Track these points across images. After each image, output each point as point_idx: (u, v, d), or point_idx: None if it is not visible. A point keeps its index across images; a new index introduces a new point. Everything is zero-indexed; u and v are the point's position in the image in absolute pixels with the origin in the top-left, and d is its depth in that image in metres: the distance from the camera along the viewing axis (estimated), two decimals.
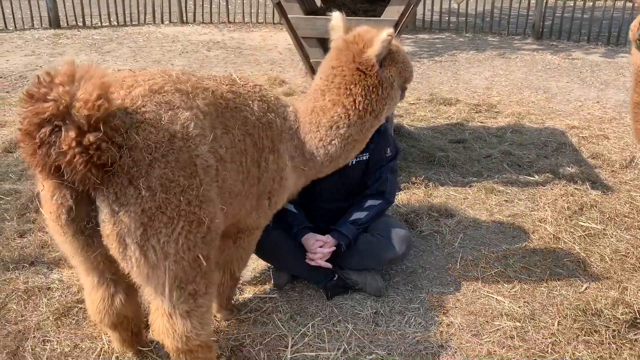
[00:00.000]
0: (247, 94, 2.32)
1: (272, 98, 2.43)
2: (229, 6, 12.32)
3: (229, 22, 12.20)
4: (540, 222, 3.58)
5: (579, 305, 2.73)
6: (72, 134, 1.62)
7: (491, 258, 3.20)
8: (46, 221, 1.93)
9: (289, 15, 3.45)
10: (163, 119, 1.86)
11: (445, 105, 6.21)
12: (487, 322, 2.69)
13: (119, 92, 1.86)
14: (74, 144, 1.62)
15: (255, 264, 3.08)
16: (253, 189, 2.29)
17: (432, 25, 11.67)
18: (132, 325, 2.32)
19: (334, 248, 2.74)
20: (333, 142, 2.44)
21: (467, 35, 11.16)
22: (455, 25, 11.62)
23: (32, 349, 2.43)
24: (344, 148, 2.48)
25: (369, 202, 2.85)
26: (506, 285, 2.96)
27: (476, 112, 5.97)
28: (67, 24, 11.33)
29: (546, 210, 3.69)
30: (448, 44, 10.24)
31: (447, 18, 11.74)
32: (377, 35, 2.34)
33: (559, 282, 2.99)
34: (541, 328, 2.64)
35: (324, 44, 3.57)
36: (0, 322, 2.60)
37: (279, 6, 3.51)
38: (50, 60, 8.27)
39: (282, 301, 2.80)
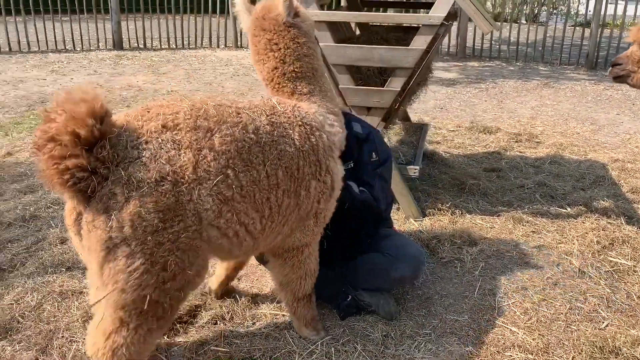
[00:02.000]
0: (288, 121, 2.30)
1: (312, 113, 2.42)
2: None
3: None
4: (566, 254, 3.52)
5: (596, 341, 2.67)
6: (54, 157, 1.76)
7: (510, 288, 3.17)
8: (66, 225, 2.09)
9: (320, 44, 3.59)
10: (160, 159, 1.90)
11: (484, 134, 6.18)
12: (498, 352, 2.67)
13: (135, 122, 1.96)
14: (52, 166, 1.77)
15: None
16: (291, 217, 2.30)
17: (482, 53, 11.61)
18: None
19: None
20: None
21: (518, 64, 11.04)
22: (506, 54, 11.52)
23: (59, 348, 2.60)
24: None
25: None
26: (522, 316, 2.93)
27: (516, 142, 5.91)
28: (130, 46, 12.00)
29: (574, 243, 3.62)
30: (497, 72, 10.16)
31: (497, 46, 11.66)
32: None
33: (578, 317, 2.93)
34: None
35: (352, 70, 3.69)
36: (34, 321, 2.80)
37: None
38: (109, 79, 8.79)
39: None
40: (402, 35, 4.21)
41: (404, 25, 4.52)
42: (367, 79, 3.82)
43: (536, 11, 14.51)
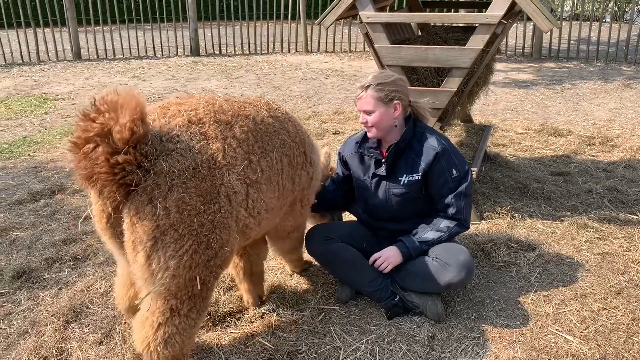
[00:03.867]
0: (282, 116, 2.57)
1: (295, 119, 2.73)
2: (352, 35, 12.79)
3: (350, 51, 12.66)
4: (633, 263, 3.32)
5: None
6: (105, 153, 1.88)
7: (568, 295, 3.05)
8: (96, 226, 2.23)
9: (375, 45, 3.62)
10: (193, 149, 2.06)
11: (555, 136, 5.93)
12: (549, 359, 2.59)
13: (160, 121, 2.11)
14: (104, 162, 1.88)
15: (324, 279, 3.23)
16: (287, 200, 2.56)
17: (560, 53, 11.12)
18: None
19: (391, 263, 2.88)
20: None
21: (598, 64, 10.48)
22: (586, 54, 10.96)
23: (121, 333, 2.79)
24: None
25: (444, 224, 2.88)
26: (579, 325, 2.81)
27: (588, 145, 5.63)
28: (206, 52, 12.52)
29: None
30: (574, 74, 9.70)
31: (576, 46, 11.13)
32: None
33: None
34: None
35: (407, 71, 3.69)
36: (101, 307, 3.01)
37: (366, 36, 3.70)
38: (185, 84, 9.22)
39: (342, 315, 2.92)
40: (461, 35, 4.15)
41: (464, 25, 4.45)
42: (424, 79, 3.80)
43: (625, 8, 13.67)
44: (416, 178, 2.84)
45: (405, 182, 2.86)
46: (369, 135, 2.92)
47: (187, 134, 2.10)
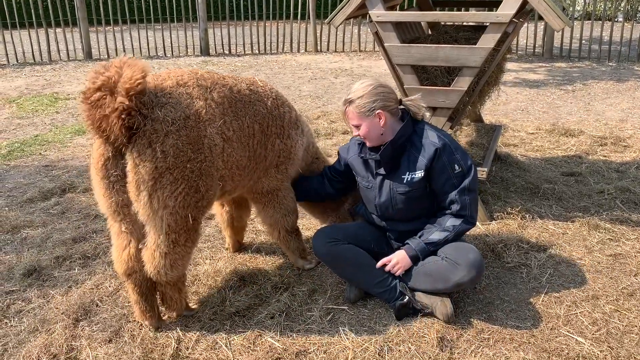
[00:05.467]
0: (263, 92, 2.95)
1: (287, 100, 3.12)
2: (361, 35, 12.76)
3: (360, 51, 12.64)
4: None
5: None
6: (113, 100, 2.26)
7: (579, 297, 3.02)
8: (90, 170, 2.56)
9: (385, 44, 3.60)
10: (182, 104, 2.46)
11: (566, 137, 5.88)
12: None
13: (154, 82, 2.51)
14: (113, 107, 2.26)
15: (333, 279, 3.22)
16: (261, 164, 2.93)
17: (571, 53, 11.03)
18: (141, 283, 2.72)
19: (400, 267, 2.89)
20: None
21: (611, 64, 10.38)
22: (597, 54, 10.86)
23: (130, 331, 2.79)
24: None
25: (450, 222, 2.86)
26: (590, 327, 2.78)
27: (600, 145, 5.57)
28: (216, 52, 12.55)
29: None
30: (586, 73, 9.62)
31: (588, 46, 11.03)
32: None
33: None
34: None
35: (417, 71, 3.66)
36: (110, 305, 3.02)
37: (376, 35, 3.68)
38: None
39: (351, 315, 2.91)
40: (472, 34, 4.12)
41: (474, 24, 4.41)
42: (435, 78, 3.77)
43: (638, 7, 13.51)
44: (419, 175, 2.82)
45: (409, 179, 2.85)
46: (367, 145, 2.94)
47: (176, 93, 2.49)
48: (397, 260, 2.88)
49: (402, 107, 2.92)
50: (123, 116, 2.27)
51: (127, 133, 2.32)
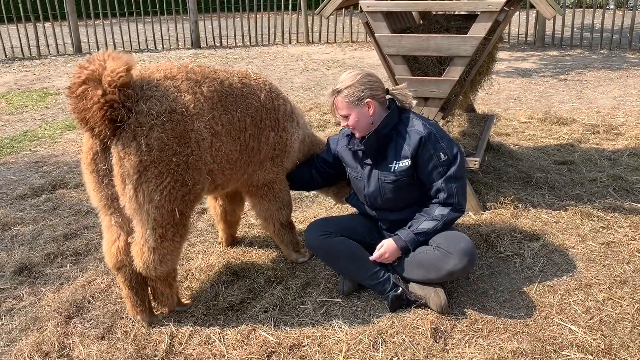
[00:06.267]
0: (257, 85, 2.91)
1: (282, 93, 3.08)
2: (353, 25, 12.70)
3: (352, 42, 12.58)
4: (638, 252, 3.29)
5: None
6: (96, 92, 2.26)
7: (573, 286, 3.02)
8: (81, 165, 2.59)
9: (375, 34, 3.57)
10: (169, 97, 2.44)
11: (558, 125, 5.88)
12: (554, 351, 2.56)
13: (142, 75, 2.50)
14: (95, 100, 2.25)
15: (326, 272, 3.21)
16: (255, 158, 2.91)
17: (563, 41, 11.03)
18: (131, 277, 2.71)
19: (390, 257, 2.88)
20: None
21: (602, 52, 10.39)
22: (589, 42, 10.86)
23: (123, 327, 2.77)
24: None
25: (438, 211, 2.85)
26: (584, 315, 2.78)
27: (592, 134, 5.58)
28: (207, 45, 12.46)
29: None
30: (578, 61, 9.63)
31: (579, 34, 11.03)
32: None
33: None
34: None
35: (408, 61, 3.64)
36: (103, 302, 3.00)
37: (367, 25, 3.65)
38: None
39: (344, 307, 2.90)
40: (463, 23, 4.09)
41: (465, 13, 4.39)
42: (426, 68, 3.75)
43: None
44: (406, 164, 2.82)
45: (396, 168, 2.84)
46: (356, 136, 2.93)
47: (163, 86, 2.47)
48: (385, 250, 2.87)
49: (389, 96, 2.90)
50: (105, 108, 2.27)
51: (111, 126, 2.31)
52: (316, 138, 3.41)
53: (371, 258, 2.90)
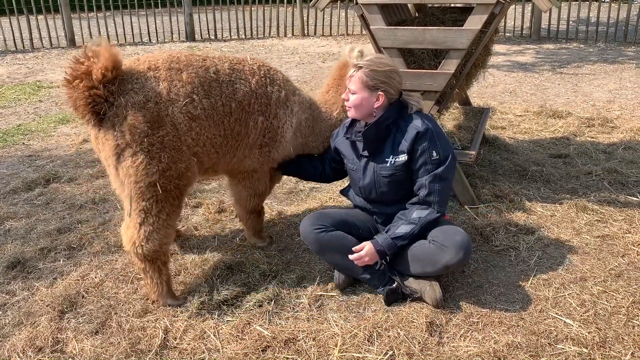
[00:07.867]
0: (250, 71, 2.96)
1: (281, 78, 3.09)
2: (348, 18, 12.64)
3: (347, 34, 12.53)
4: (633, 245, 3.29)
5: None
6: (85, 87, 2.51)
7: (568, 279, 3.02)
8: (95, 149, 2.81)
9: (371, 27, 3.55)
10: (145, 87, 2.64)
11: (554, 118, 5.88)
12: (549, 344, 2.56)
13: (130, 67, 2.69)
14: (84, 93, 2.51)
15: (321, 266, 3.21)
16: (242, 142, 2.97)
17: (559, 34, 11.01)
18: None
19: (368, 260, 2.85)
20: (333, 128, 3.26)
21: (598, 45, 10.38)
22: (585, 35, 10.85)
23: (117, 322, 2.75)
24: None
25: (416, 214, 2.83)
26: (579, 308, 2.79)
27: (587, 127, 5.58)
28: (201, 37, 12.39)
29: None
30: (574, 55, 9.62)
31: (575, 27, 11.01)
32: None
33: None
34: (611, 358, 2.45)
35: (404, 53, 3.62)
36: (97, 296, 2.98)
37: (362, 18, 3.62)
38: None
39: (340, 301, 2.89)
40: (459, 15, 4.07)
41: (461, 5, 4.36)
42: (421, 61, 3.73)
43: None
44: (402, 159, 2.82)
45: (392, 162, 2.85)
46: (348, 114, 2.96)
47: (144, 77, 2.67)
48: (365, 253, 2.83)
49: (401, 98, 2.91)
50: (90, 102, 2.53)
51: (95, 117, 2.58)
52: (319, 112, 3.31)
53: (350, 257, 2.86)
